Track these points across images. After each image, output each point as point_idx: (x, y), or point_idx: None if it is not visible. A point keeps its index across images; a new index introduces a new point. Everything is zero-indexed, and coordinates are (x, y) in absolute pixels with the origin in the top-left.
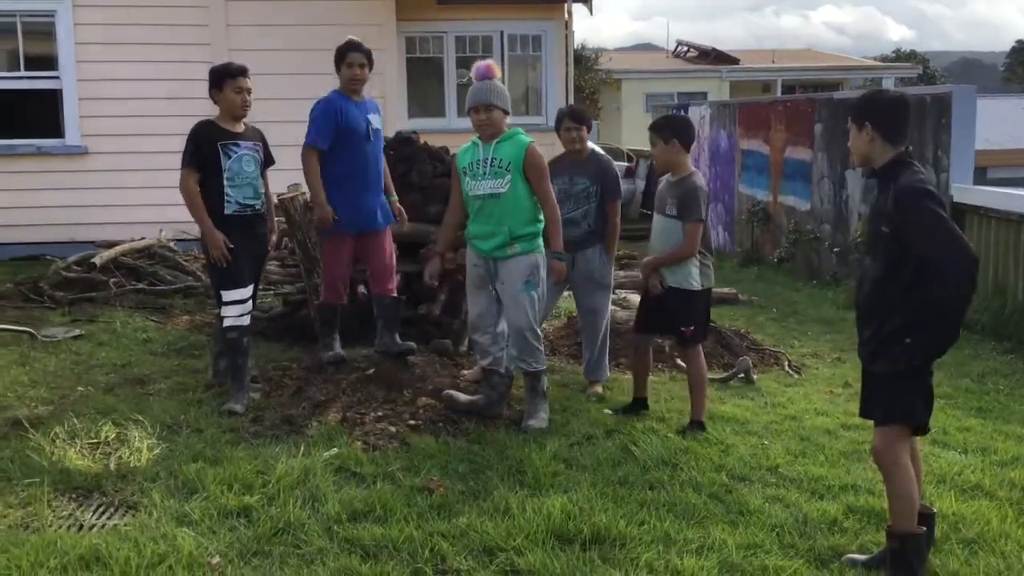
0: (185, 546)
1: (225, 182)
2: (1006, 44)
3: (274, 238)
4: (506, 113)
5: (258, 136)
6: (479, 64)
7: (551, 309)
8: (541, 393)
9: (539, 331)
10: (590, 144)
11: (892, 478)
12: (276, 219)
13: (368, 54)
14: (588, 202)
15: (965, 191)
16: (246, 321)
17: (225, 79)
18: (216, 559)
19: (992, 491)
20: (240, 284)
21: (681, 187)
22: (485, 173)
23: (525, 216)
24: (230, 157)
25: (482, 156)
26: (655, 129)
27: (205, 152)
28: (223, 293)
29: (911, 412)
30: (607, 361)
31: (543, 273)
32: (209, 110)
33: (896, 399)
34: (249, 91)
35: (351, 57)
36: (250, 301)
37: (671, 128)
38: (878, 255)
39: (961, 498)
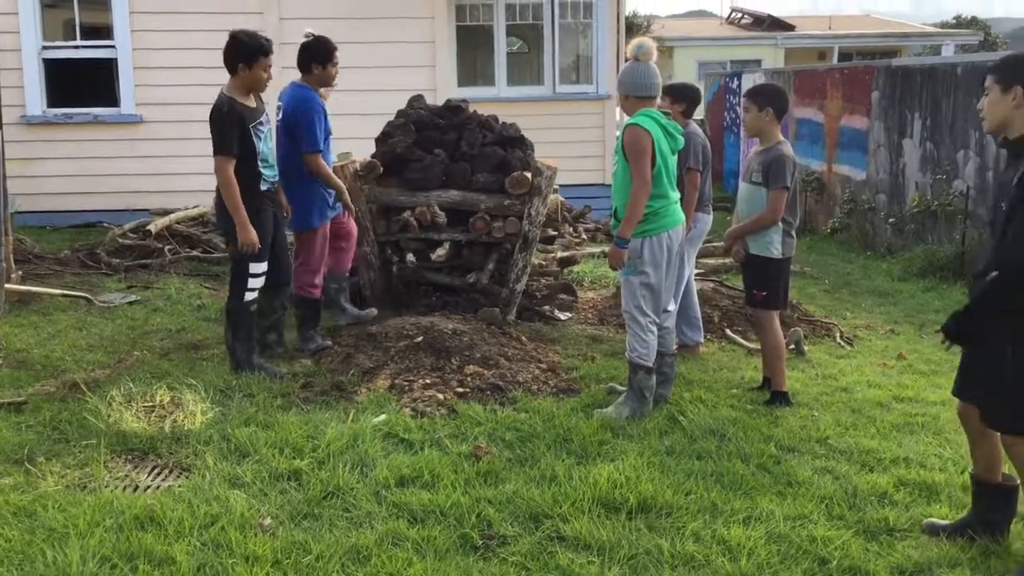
0: (237, 507)
1: (260, 163)
2: None
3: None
4: (627, 97)
5: (263, 104)
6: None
7: (672, 293)
8: (632, 385)
9: (643, 320)
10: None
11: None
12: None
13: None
14: None
15: None
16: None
17: (258, 56)
18: (268, 520)
19: None
20: (264, 258)
21: (768, 155)
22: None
23: (627, 198)
24: (260, 139)
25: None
26: (751, 96)
27: (239, 137)
28: (253, 266)
29: None
30: (683, 327)
31: (656, 258)
32: None
33: None
34: (271, 67)
35: (336, 56)
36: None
37: (766, 96)
38: (995, 233)
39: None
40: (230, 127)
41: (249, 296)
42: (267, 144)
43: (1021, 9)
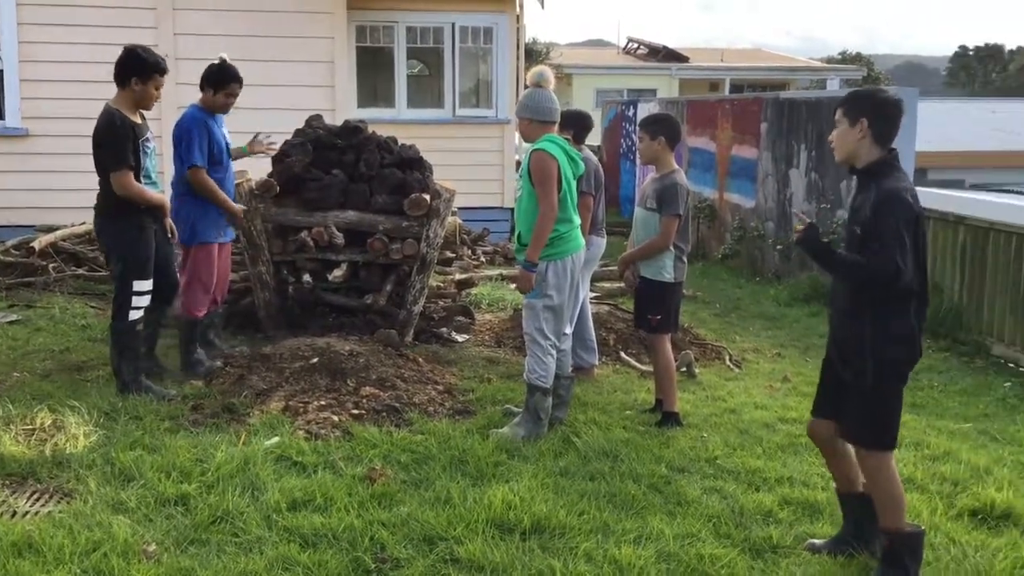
0: (120, 534)
1: (143, 179)
2: (949, 49)
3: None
4: (531, 121)
5: (146, 123)
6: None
7: (568, 317)
8: (529, 407)
9: (544, 343)
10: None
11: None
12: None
13: (241, 83)
14: None
15: None
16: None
17: (153, 74)
18: (152, 547)
19: (924, 484)
20: (150, 275)
21: (662, 183)
22: (518, 179)
23: (532, 222)
24: (146, 155)
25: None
26: (644, 125)
27: (132, 150)
28: (137, 283)
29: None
30: (578, 350)
31: (560, 281)
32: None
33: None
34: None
35: (232, 88)
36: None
37: (659, 125)
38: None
39: None
40: (125, 140)
41: (134, 315)
42: (151, 161)
43: (902, 46)
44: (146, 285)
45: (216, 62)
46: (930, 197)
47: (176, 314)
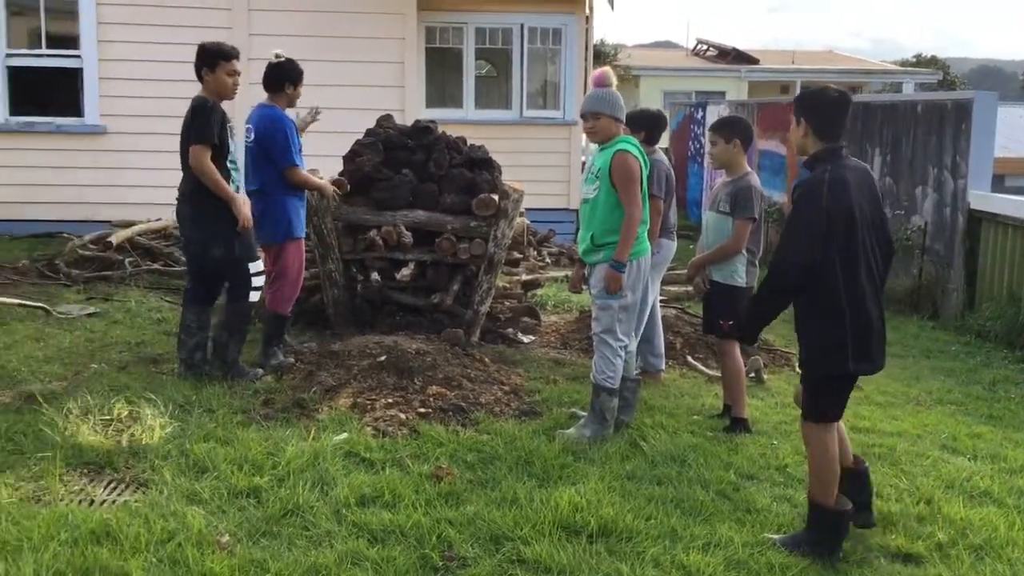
0: (195, 524)
1: (229, 164)
2: None
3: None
4: (616, 120)
5: (229, 118)
6: (594, 72)
7: (642, 320)
8: (595, 408)
9: (614, 344)
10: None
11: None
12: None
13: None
14: None
15: (983, 198)
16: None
17: (219, 60)
18: (225, 537)
19: (1000, 498)
20: (256, 256)
21: (736, 185)
22: (587, 178)
23: (609, 224)
24: (232, 139)
25: (591, 162)
26: (718, 128)
27: (217, 131)
28: (252, 266)
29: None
30: (647, 354)
31: (635, 281)
32: None
33: None
34: (239, 73)
35: (302, 80)
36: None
37: (733, 128)
38: None
39: (969, 504)
40: (212, 120)
41: (255, 295)
42: (238, 149)
43: (976, 50)
44: (258, 265)
45: (280, 60)
46: (1009, 203)
47: (262, 309)
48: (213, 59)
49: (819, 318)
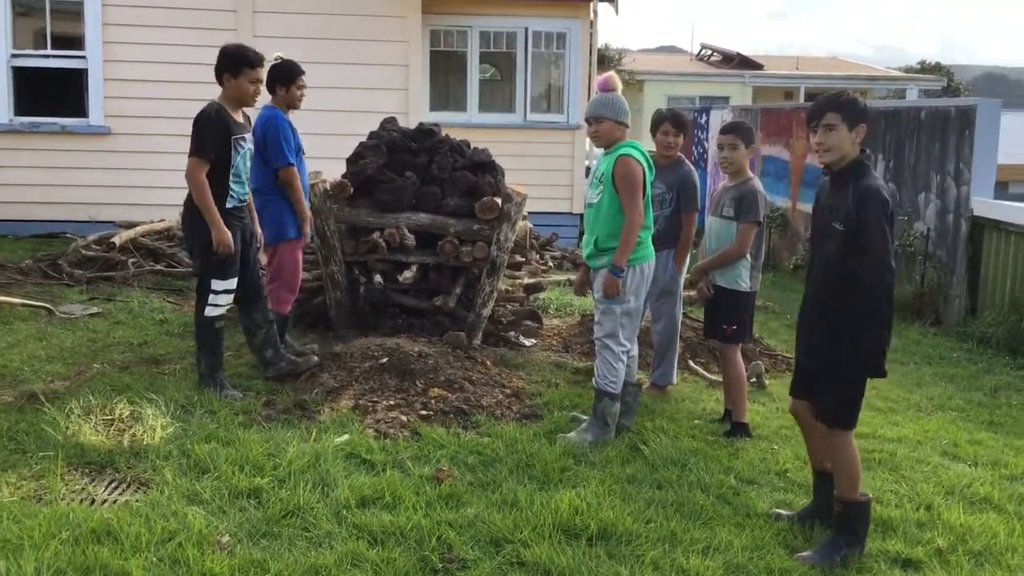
0: (195, 524)
1: (231, 178)
2: None
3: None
4: (619, 124)
5: (249, 124)
6: (598, 77)
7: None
8: (597, 412)
9: (616, 349)
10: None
11: None
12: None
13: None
14: (660, 208)
15: (986, 205)
16: (225, 310)
17: (243, 67)
18: (225, 538)
19: (1001, 504)
20: (232, 275)
21: (740, 190)
22: (592, 183)
23: (612, 229)
24: (239, 153)
25: (596, 166)
26: (738, 133)
27: (219, 145)
28: (215, 283)
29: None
30: (675, 366)
31: (638, 286)
32: None
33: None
34: (262, 82)
35: (301, 80)
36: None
37: (749, 133)
38: (822, 253)
39: (969, 510)
40: (213, 132)
41: (212, 312)
42: (244, 161)
43: (981, 57)
44: (225, 284)
45: (277, 62)
46: (1012, 210)
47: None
48: (238, 65)
49: (862, 319)
